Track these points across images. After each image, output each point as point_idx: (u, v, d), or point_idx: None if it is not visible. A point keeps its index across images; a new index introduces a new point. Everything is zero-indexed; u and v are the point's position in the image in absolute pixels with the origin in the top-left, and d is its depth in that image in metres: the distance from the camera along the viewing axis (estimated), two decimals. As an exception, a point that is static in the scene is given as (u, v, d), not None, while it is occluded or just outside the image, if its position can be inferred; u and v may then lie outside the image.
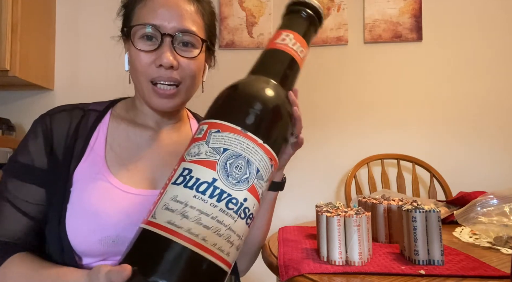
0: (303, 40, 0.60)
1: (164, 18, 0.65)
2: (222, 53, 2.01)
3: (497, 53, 1.93)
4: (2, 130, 1.84)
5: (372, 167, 1.79)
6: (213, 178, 0.46)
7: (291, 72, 0.58)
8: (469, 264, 0.59)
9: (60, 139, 0.67)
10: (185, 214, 0.44)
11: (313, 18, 0.62)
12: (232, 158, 0.47)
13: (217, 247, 0.44)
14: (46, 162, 0.66)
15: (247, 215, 0.47)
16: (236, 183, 0.46)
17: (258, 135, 0.49)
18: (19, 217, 0.64)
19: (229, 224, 0.45)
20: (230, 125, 0.49)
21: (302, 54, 0.60)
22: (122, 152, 0.70)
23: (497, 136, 1.91)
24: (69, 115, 0.70)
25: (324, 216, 0.63)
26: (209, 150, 0.48)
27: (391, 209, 0.77)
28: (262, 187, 0.50)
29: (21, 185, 0.65)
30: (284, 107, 0.54)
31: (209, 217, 0.44)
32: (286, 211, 1.88)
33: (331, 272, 0.57)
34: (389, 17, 1.97)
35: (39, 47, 1.95)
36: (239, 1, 2.03)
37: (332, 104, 1.99)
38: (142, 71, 0.66)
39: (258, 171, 0.48)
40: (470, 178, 1.84)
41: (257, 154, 0.48)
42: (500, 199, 0.83)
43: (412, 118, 1.95)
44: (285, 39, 0.59)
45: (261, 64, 0.59)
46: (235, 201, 0.46)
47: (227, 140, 0.48)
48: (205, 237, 0.43)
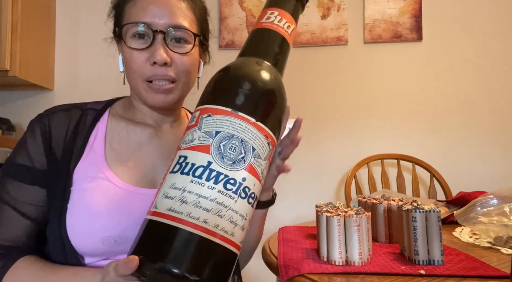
0: (289, 16, 0.59)
1: (155, 15, 0.65)
2: (222, 53, 2.01)
3: (497, 53, 1.93)
4: (2, 130, 1.84)
5: (372, 167, 1.79)
6: (208, 162, 0.46)
7: (279, 49, 0.57)
8: (469, 264, 0.59)
9: (59, 139, 0.67)
10: (184, 199, 0.44)
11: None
12: (225, 140, 0.47)
13: (220, 229, 0.44)
14: (45, 162, 0.65)
15: (248, 195, 0.47)
16: (232, 164, 0.46)
17: (249, 114, 0.48)
18: (20, 220, 0.63)
19: (230, 204, 0.45)
20: (220, 107, 0.49)
21: (289, 30, 0.58)
22: (122, 150, 0.69)
23: (497, 136, 1.91)
24: (67, 114, 0.70)
25: (324, 216, 0.63)
26: (202, 135, 0.48)
27: (391, 209, 0.76)
28: (260, 165, 0.49)
29: (21, 186, 0.64)
30: (274, 82, 0.53)
31: (208, 199, 0.44)
32: (286, 211, 1.88)
33: (331, 272, 0.57)
34: (389, 17, 1.97)
35: (39, 47, 1.95)
36: (239, 1, 2.03)
37: (332, 104, 1.99)
38: (137, 70, 0.66)
39: (254, 149, 0.48)
40: (470, 178, 1.84)
41: (250, 133, 0.48)
42: (500, 199, 0.83)
43: (412, 118, 1.95)
44: (270, 17, 0.58)
45: (248, 46, 0.58)
46: (233, 182, 0.46)
47: (219, 122, 0.48)
48: (206, 219, 0.44)
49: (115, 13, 0.71)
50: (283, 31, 0.57)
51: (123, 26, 0.66)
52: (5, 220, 0.63)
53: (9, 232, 0.63)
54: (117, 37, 0.71)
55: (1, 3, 1.71)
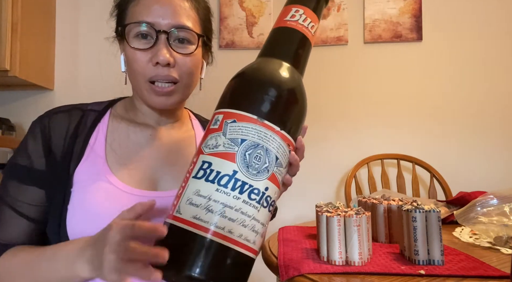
0: (314, 15, 0.57)
1: (158, 15, 0.64)
2: (222, 53, 2.00)
3: (497, 53, 1.93)
4: (2, 130, 1.84)
5: (372, 167, 1.79)
6: (233, 171, 0.46)
7: (303, 51, 0.56)
8: (469, 264, 0.59)
9: (59, 140, 0.67)
10: (210, 208, 0.45)
11: None
12: (250, 149, 0.47)
13: (243, 238, 0.45)
14: (44, 163, 0.65)
15: (269, 203, 0.48)
16: (256, 174, 0.47)
17: (274, 123, 0.48)
18: (19, 220, 0.64)
19: (253, 214, 0.46)
20: (246, 114, 0.48)
21: (313, 30, 0.57)
22: (123, 152, 0.69)
23: (497, 136, 1.91)
24: (67, 115, 0.70)
25: (324, 216, 0.63)
26: (227, 141, 0.48)
27: (391, 209, 0.76)
28: (281, 174, 0.50)
29: (21, 187, 0.64)
30: (299, 89, 0.53)
31: (233, 209, 0.45)
32: (286, 211, 1.88)
33: (331, 272, 0.57)
34: (389, 17, 1.97)
35: (39, 47, 1.95)
36: (239, 1, 2.03)
37: (332, 104, 1.99)
38: (139, 70, 0.65)
39: (277, 158, 0.49)
40: (470, 178, 1.84)
41: (275, 142, 0.48)
42: (500, 199, 0.83)
43: (412, 118, 1.95)
44: (295, 15, 0.56)
45: (271, 45, 0.56)
46: (257, 191, 0.47)
47: (244, 130, 0.48)
48: (231, 229, 0.44)
49: (118, 12, 0.71)
50: (307, 32, 0.56)
51: (126, 26, 0.66)
52: (5, 221, 0.64)
53: (8, 231, 0.63)
54: (119, 36, 0.70)
55: (1, 3, 1.71)
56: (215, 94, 0.56)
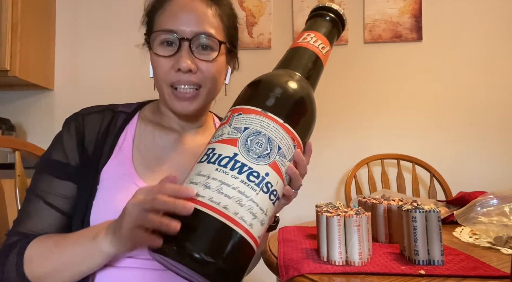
0: (324, 38, 0.62)
1: (182, 22, 0.66)
2: (222, 53, 2.00)
3: (497, 53, 1.93)
4: (2, 130, 1.84)
5: (372, 167, 1.79)
6: (234, 153, 0.48)
7: (312, 65, 0.60)
8: (469, 264, 0.59)
9: (91, 138, 0.70)
10: (207, 185, 0.46)
11: (334, 19, 0.64)
12: (252, 135, 0.49)
13: (239, 216, 0.45)
14: (78, 159, 0.68)
15: (270, 190, 0.49)
16: (257, 158, 0.48)
17: (278, 115, 0.51)
18: (50, 212, 0.65)
19: (251, 195, 0.47)
20: (251, 107, 0.52)
21: (324, 50, 0.62)
22: (148, 154, 0.71)
23: (497, 136, 1.91)
24: (100, 115, 0.73)
25: (324, 216, 0.63)
26: (231, 130, 0.50)
27: (391, 209, 0.76)
28: (285, 165, 0.51)
29: (54, 181, 0.67)
30: (304, 92, 0.55)
31: (230, 187, 0.46)
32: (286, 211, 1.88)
33: (331, 272, 0.57)
34: (389, 17, 1.97)
35: (39, 47, 1.94)
36: (239, 1, 2.03)
37: (331, 104, 1.99)
38: (162, 76, 0.68)
39: (280, 148, 0.50)
40: (470, 178, 1.84)
41: (277, 132, 0.50)
42: (500, 199, 0.83)
43: (412, 118, 1.95)
44: (306, 38, 0.62)
45: (283, 61, 0.61)
46: (256, 174, 0.48)
47: (248, 120, 0.50)
48: (226, 205, 0.45)
49: (147, 20, 0.73)
50: (317, 50, 0.61)
51: (151, 34, 0.69)
52: (35, 212, 0.65)
53: (38, 223, 0.65)
54: (148, 43, 0.73)
55: (1, 3, 1.71)
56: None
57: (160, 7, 0.69)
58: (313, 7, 0.66)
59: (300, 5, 1.99)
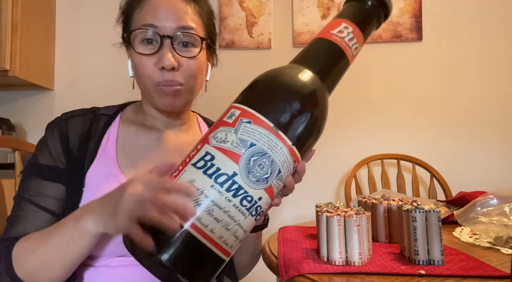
0: (361, 36, 0.54)
1: (162, 19, 0.66)
2: (222, 53, 1.99)
3: (496, 53, 1.93)
4: (2, 130, 1.84)
5: (372, 167, 1.79)
6: (233, 172, 0.45)
7: (340, 73, 0.55)
8: (469, 264, 0.59)
9: (75, 142, 0.69)
10: (199, 202, 0.44)
11: (380, 12, 0.56)
12: (257, 155, 0.46)
13: (222, 240, 0.44)
14: (65, 162, 0.68)
15: (257, 213, 0.48)
16: (255, 181, 0.46)
17: (288, 136, 0.47)
18: (41, 214, 0.65)
19: (239, 220, 0.45)
20: (263, 119, 0.47)
21: (355, 52, 0.55)
22: (132, 154, 0.71)
23: (497, 136, 1.91)
24: (82, 119, 0.72)
25: (324, 216, 0.63)
26: (236, 140, 0.46)
27: (391, 209, 0.76)
28: (278, 186, 0.49)
29: (43, 183, 0.66)
30: (323, 113, 0.52)
31: (222, 210, 0.44)
32: (286, 211, 1.89)
33: (331, 272, 0.57)
34: (389, 17, 1.97)
35: (39, 47, 1.94)
36: (239, 1, 2.03)
37: (331, 104, 1.97)
38: (145, 75, 0.67)
39: (280, 172, 0.48)
40: (470, 178, 1.84)
41: (283, 155, 0.47)
42: (500, 199, 0.83)
43: (412, 118, 1.95)
44: (343, 31, 0.53)
45: (310, 55, 0.53)
46: (249, 199, 0.46)
47: (257, 134, 0.46)
48: (213, 229, 0.44)
49: (124, 18, 0.73)
50: (350, 53, 0.53)
51: (132, 32, 0.67)
52: (24, 215, 0.64)
53: (29, 225, 0.64)
54: (126, 42, 0.72)
55: (1, 3, 1.71)
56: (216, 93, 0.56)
57: (138, 5, 0.69)
58: None
59: (300, 5, 1.99)
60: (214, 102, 0.98)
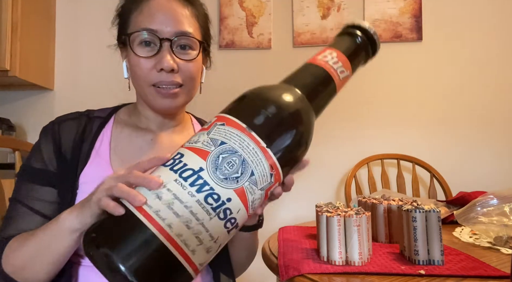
0: (346, 61, 0.57)
1: (161, 23, 0.66)
2: (222, 53, 2.00)
3: (497, 53, 1.93)
4: (2, 130, 1.84)
5: (372, 167, 1.79)
6: (200, 167, 0.43)
7: (322, 88, 0.55)
8: (469, 264, 0.59)
9: (68, 145, 0.70)
10: (160, 195, 0.42)
11: (366, 43, 0.59)
12: (226, 153, 0.44)
13: (181, 239, 0.40)
14: (56, 165, 0.69)
15: (227, 218, 0.43)
16: (223, 179, 0.43)
17: (262, 137, 0.45)
18: (33, 216, 0.66)
19: (203, 219, 0.42)
20: (236, 120, 0.46)
21: (342, 75, 0.56)
22: (126, 156, 0.71)
23: (497, 136, 1.91)
24: (75, 122, 0.73)
25: (324, 216, 0.63)
26: (207, 140, 0.45)
27: (391, 209, 0.76)
28: (253, 193, 0.45)
29: (35, 187, 0.67)
30: (302, 120, 0.50)
31: (183, 205, 0.41)
32: (286, 211, 1.88)
33: (331, 272, 0.57)
34: (389, 17, 1.97)
35: (39, 47, 1.95)
36: (239, 1, 2.03)
37: (332, 104, 1.98)
38: (143, 77, 0.68)
39: (253, 174, 0.45)
40: (470, 178, 1.84)
41: (255, 156, 0.45)
42: (500, 199, 0.83)
43: (412, 118, 1.95)
44: (327, 56, 0.56)
45: (293, 75, 0.56)
46: (216, 197, 0.42)
47: (228, 134, 0.45)
48: (171, 223, 0.40)
49: (120, 21, 0.73)
50: (334, 73, 0.55)
51: (131, 34, 0.68)
52: (18, 217, 0.66)
53: (21, 228, 0.65)
54: (121, 44, 0.73)
55: (1, 3, 1.71)
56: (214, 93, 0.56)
57: (136, 8, 0.69)
58: (347, 23, 0.60)
59: (300, 5, 1.99)
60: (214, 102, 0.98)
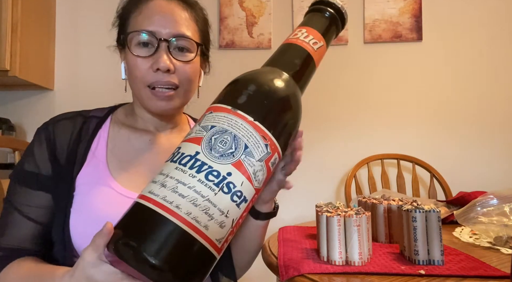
0: (317, 33, 0.60)
1: (160, 24, 0.66)
2: (222, 53, 2.00)
3: (497, 53, 1.93)
4: (2, 130, 1.84)
5: (372, 167, 1.79)
6: (196, 152, 0.47)
7: (300, 61, 0.57)
8: (469, 264, 0.59)
9: (63, 146, 0.69)
10: (164, 184, 0.45)
11: (332, 14, 0.62)
12: (217, 134, 0.48)
13: (192, 217, 0.43)
14: (50, 168, 0.67)
15: (232, 191, 0.46)
16: (219, 157, 0.46)
17: (247, 113, 0.49)
18: (27, 223, 0.65)
19: (208, 195, 0.44)
20: (222, 105, 0.51)
21: (316, 46, 0.59)
22: (123, 156, 0.71)
23: (497, 136, 1.91)
24: (71, 122, 0.72)
25: (324, 216, 0.63)
26: (199, 128, 0.50)
27: (391, 209, 0.76)
28: (253, 165, 0.48)
29: (28, 192, 0.66)
30: (284, 90, 0.53)
31: (186, 186, 0.44)
32: (286, 211, 1.88)
33: (331, 272, 0.57)
34: (389, 17, 1.97)
35: (39, 47, 1.94)
36: (239, 1, 2.03)
37: (332, 104, 1.99)
38: (140, 77, 0.67)
39: (247, 147, 0.48)
40: (470, 178, 1.84)
41: (245, 130, 0.48)
42: (500, 199, 0.83)
43: (412, 118, 1.95)
44: (297, 34, 0.59)
45: (270, 59, 0.59)
46: (216, 174, 0.45)
47: (217, 118, 0.49)
48: (179, 204, 0.43)
49: (120, 22, 0.73)
50: (307, 45, 0.58)
51: (128, 34, 0.68)
52: (12, 225, 0.65)
53: (16, 235, 0.65)
54: (120, 45, 0.73)
55: (1, 3, 1.71)
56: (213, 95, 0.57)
57: (136, 9, 0.69)
58: (312, 1, 0.63)
59: (300, 5, 1.99)
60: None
